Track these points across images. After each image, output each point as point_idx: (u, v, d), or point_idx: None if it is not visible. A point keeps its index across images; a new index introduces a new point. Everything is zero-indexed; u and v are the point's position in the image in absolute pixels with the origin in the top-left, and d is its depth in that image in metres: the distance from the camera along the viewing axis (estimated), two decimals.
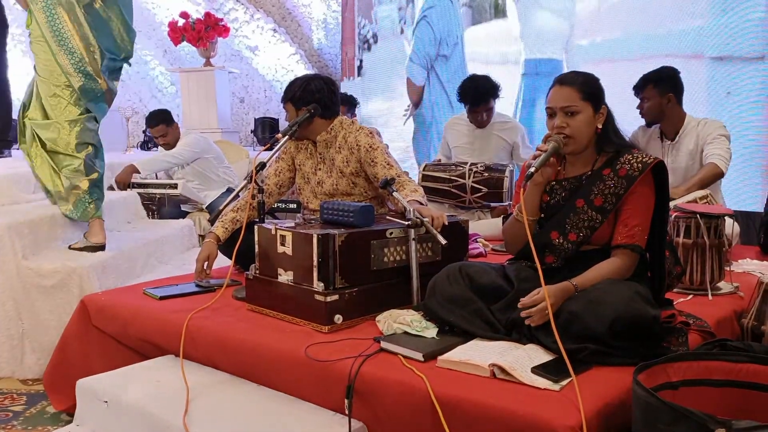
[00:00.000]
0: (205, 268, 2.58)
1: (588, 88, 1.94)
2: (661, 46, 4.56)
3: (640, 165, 1.92)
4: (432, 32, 6.07)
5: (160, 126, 4.70)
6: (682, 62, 3.96)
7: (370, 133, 2.72)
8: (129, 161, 4.93)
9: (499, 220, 3.54)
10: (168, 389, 1.98)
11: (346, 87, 6.53)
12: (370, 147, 2.65)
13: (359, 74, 6.59)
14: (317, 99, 2.65)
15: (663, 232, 1.99)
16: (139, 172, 4.51)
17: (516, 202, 2.02)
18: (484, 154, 4.04)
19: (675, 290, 2.41)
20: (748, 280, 2.61)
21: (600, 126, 1.96)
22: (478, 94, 3.93)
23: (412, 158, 6.28)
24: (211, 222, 2.70)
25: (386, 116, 6.52)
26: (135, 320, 2.36)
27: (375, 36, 6.49)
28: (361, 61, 6.58)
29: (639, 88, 3.39)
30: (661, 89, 3.32)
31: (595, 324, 1.71)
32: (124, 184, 4.44)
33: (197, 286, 2.58)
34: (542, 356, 1.74)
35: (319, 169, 2.77)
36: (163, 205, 4.49)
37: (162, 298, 2.45)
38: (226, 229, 2.66)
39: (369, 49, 6.56)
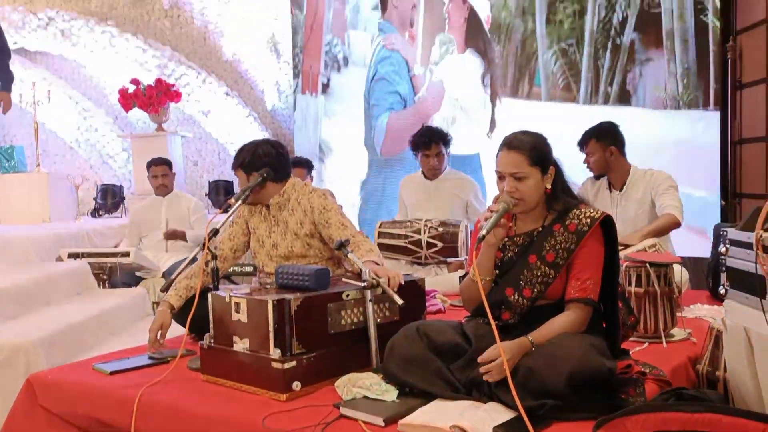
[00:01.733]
0: (158, 337, 2.50)
1: (536, 153, 1.98)
2: None
3: (588, 220, 1.96)
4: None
5: (164, 166, 4.94)
6: None
7: (323, 194, 2.73)
8: (79, 230, 4.87)
9: (456, 274, 3.56)
10: None
11: (303, 102, 6.39)
12: (324, 208, 2.66)
13: (324, 92, 6.37)
14: (267, 163, 2.66)
15: (615, 284, 2.03)
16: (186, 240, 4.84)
17: (471, 262, 2.04)
18: (439, 210, 4.08)
19: (631, 339, 2.43)
20: (700, 325, 2.67)
21: (549, 186, 2.01)
22: (430, 134, 4.06)
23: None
24: (164, 290, 2.65)
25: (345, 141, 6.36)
26: (83, 398, 2.26)
27: (346, 59, 6.29)
28: (328, 80, 6.36)
29: (582, 144, 3.52)
30: (603, 143, 3.45)
31: (552, 379, 1.71)
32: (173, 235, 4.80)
33: (150, 357, 2.50)
34: (503, 415, 1.72)
35: (273, 231, 2.75)
36: (115, 274, 4.38)
37: (112, 372, 2.35)
38: (180, 296, 2.61)
39: (339, 70, 6.34)
